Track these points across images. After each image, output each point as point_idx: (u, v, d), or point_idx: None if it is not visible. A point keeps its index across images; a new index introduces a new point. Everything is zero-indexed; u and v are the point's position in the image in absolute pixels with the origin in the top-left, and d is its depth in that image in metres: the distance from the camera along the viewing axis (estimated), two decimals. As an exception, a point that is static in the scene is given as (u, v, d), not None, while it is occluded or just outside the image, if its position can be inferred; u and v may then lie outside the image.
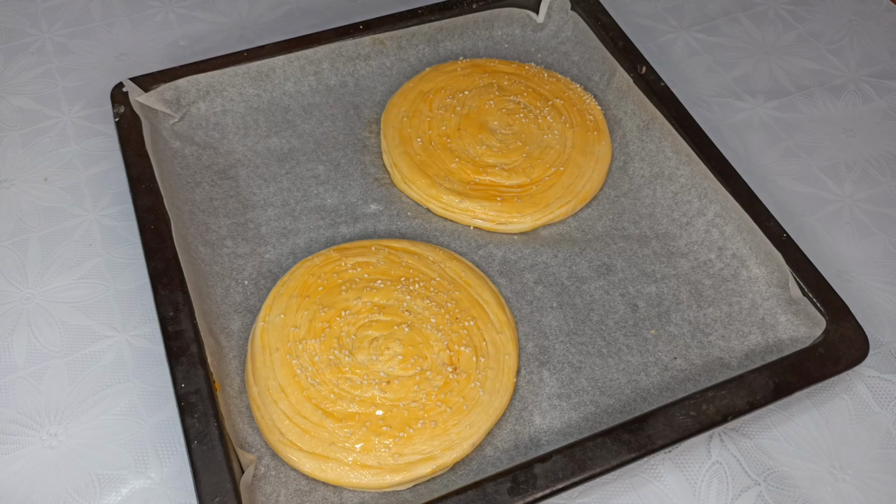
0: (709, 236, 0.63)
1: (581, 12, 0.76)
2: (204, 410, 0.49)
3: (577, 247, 0.64)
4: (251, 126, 0.70)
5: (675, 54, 0.81)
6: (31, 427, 0.54)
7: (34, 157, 0.69)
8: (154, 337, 0.58)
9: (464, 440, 0.52)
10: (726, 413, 0.52)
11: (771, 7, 0.86)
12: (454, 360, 0.55)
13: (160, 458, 0.53)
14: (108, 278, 0.61)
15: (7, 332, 0.58)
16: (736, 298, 0.61)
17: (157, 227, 0.58)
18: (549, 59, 0.77)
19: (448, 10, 0.76)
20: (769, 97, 0.77)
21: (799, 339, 0.58)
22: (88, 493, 0.51)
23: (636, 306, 0.60)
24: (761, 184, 0.69)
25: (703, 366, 0.57)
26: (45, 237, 0.64)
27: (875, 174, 0.72)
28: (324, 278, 0.58)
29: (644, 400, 0.56)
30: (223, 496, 0.46)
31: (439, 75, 0.73)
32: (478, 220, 0.64)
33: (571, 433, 0.54)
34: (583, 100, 0.72)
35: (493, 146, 0.67)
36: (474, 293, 0.59)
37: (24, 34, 0.79)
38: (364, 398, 0.53)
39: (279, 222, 0.64)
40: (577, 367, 0.57)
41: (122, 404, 0.55)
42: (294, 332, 0.55)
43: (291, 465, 0.51)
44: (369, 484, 0.50)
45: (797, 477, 0.54)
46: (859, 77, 0.79)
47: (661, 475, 0.54)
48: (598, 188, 0.67)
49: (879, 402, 0.58)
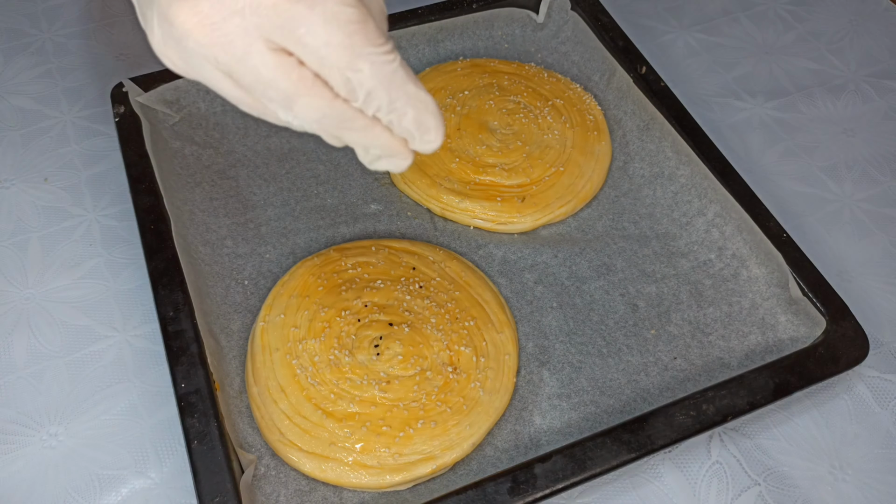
0: (709, 236, 0.63)
1: (581, 12, 0.76)
2: (204, 410, 0.49)
3: (577, 247, 0.64)
4: (251, 126, 0.70)
5: (675, 54, 0.81)
6: (31, 427, 0.54)
7: (34, 157, 0.69)
8: (154, 337, 0.58)
9: (464, 440, 0.52)
10: (726, 413, 0.52)
11: (771, 7, 0.86)
12: (454, 360, 0.55)
13: (160, 458, 0.53)
14: (108, 278, 0.61)
15: (7, 332, 0.58)
16: (736, 298, 0.61)
17: (157, 227, 0.58)
18: (549, 59, 0.77)
19: (448, 10, 0.76)
20: (769, 97, 0.77)
21: (799, 339, 0.58)
22: (88, 493, 0.51)
23: (636, 306, 0.60)
24: (761, 184, 0.69)
25: (703, 366, 0.57)
26: (45, 237, 0.64)
27: (875, 174, 0.72)
28: (324, 278, 0.58)
29: (644, 400, 0.56)
30: (223, 496, 0.46)
31: (439, 75, 0.73)
32: (478, 220, 0.64)
33: (571, 433, 0.54)
34: (583, 100, 0.72)
35: (493, 146, 0.67)
36: (474, 293, 0.59)
37: (24, 34, 0.79)
38: (364, 398, 0.53)
39: (279, 222, 0.64)
40: (577, 367, 0.57)
41: (122, 404, 0.55)
42: (294, 331, 0.55)
43: (291, 465, 0.51)
44: (369, 484, 0.50)
45: (797, 477, 0.54)
46: (859, 77, 0.79)
47: (661, 475, 0.54)
48: (598, 188, 0.67)
49: (879, 402, 0.58)
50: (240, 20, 0.31)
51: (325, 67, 0.32)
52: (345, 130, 0.35)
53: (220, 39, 0.32)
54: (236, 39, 0.31)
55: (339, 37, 0.31)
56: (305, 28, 0.31)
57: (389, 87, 0.33)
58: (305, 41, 0.32)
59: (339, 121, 0.34)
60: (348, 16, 0.31)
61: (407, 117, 0.35)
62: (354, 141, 0.36)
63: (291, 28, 0.31)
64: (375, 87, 0.33)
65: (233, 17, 0.31)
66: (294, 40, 0.32)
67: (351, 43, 0.32)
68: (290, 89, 0.33)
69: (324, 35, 0.31)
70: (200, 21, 0.31)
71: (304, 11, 0.31)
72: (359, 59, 0.32)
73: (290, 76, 0.32)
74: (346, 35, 0.32)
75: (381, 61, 0.33)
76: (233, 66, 0.32)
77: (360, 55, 0.32)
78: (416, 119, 0.35)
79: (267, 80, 0.32)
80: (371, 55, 0.32)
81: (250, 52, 0.32)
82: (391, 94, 0.34)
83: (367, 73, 0.33)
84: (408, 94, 0.34)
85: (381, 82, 0.33)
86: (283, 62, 0.32)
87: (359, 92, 0.33)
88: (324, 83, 0.33)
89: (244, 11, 0.31)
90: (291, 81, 0.32)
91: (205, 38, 0.32)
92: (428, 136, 0.36)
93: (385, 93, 0.33)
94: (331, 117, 0.34)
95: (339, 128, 0.35)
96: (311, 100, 0.33)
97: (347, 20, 0.31)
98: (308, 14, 0.31)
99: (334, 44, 0.32)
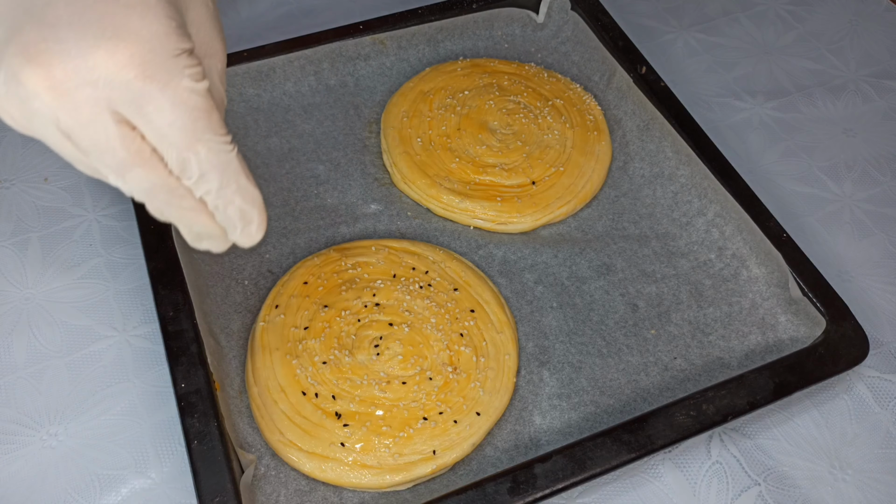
0: (709, 236, 0.63)
1: (581, 12, 0.76)
2: (204, 410, 0.49)
3: (577, 247, 0.64)
4: (251, 126, 0.70)
5: (675, 54, 0.81)
6: (31, 427, 0.54)
7: (34, 157, 0.69)
8: (154, 337, 0.58)
9: (464, 440, 0.52)
10: (726, 413, 0.52)
11: (771, 7, 0.86)
12: (454, 360, 0.55)
13: (160, 458, 0.53)
14: (108, 278, 0.61)
15: (7, 332, 0.58)
16: (736, 298, 0.61)
17: (157, 227, 0.58)
18: (549, 59, 0.77)
19: (448, 10, 0.76)
20: (769, 97, 0.77)
21: (799, 339, 0.58)
22: (88, 493, 0.51)
23: (636, 306, 0.60)
24: (761, 184, 0.69)
25: (703, 366, 0.57)
26: (45, 237, 0.64)
27: (875, 174, 0.72)
28: (324, 278, 0.58)
29: (644, 400, 0.56)
30: (223, 496, 0.46)
31: (439, 75, 0.73)
32: (478, 220, 0.64)
33: (571, 433, 0.54)
34: (583, 100, 0.72)
35: (493, 146, 0.67)
36: (474, 293, 0.59)
37: (24, 34, 0.79)
38: (364, 398, 0.53)
39: (279, 222, 0.64)
40: (577, 367, 0.57)
41: (121, 404, 0.55)
42: (294, 331, 0.55)
43: (291, 465, 0.51)
44: (369, 484, 0.50)
45: (797, 477, 0.54)
46: (859, 77, 0.79)
47: (661, 475, 0.54)
48: (598, 188, 0.67)
49: (879, 402, 0.58)
50: (91, 90, 0.32)
51: (164, 145, 0.34)
52: (172, 207, 0.36)
53: (67, 105, 0.32)
54: (84, 107, 0.32)
55: (184, 120, 0.33)
56: (154, 106, 0.33)
57: (222, 174, 0.35)
58: (151, 118, 0.33)
59: (168, 195, 0.35)
60: (195, 103, 0.33)
61: (233, 206, 0.36)
62: (177, 218, 0.37)
63: (140, 104, 0.32)
64: (209, 170, 0.34)
65: (85, 87, 0.32)
66: (140, 115, 0.33)
67: (194, 127, 0.33)
68: (127, 159, 0.34)
69: (170, 116, 0.33)
70: (51, 85, 0.32)
71: (155, 91, 0.32)
72: (198, 142, 0.34)
73: (128, 147, 0.33)
74: (190, 119, 0.33)
75: (218, 149, 0.34)
76: (74, 130, 0.33)
77: (201, 139, 0.34)
78: (240, 209, 0.36)
79: (105, 148, 0.33)
80: (210, 141, 0.34)
81: (95, 120, 0.33)
82: (222, 179, 0.35)
83: (204, 157, 0.34)
84: (238, 184, 0.36)
85: (216, 167, 0.34)
86: (125, 134, 0.33)
87: (192, 172, 0.34)
88: (160, 159, 0.34)
89: (98, 83, 0.32)
90: (129, 153, 0.33)
91: (53, 102, 0.32)
92: (249, 228, 0.37)
93: (217, 177, 0.35)
94: (161, 190, 0.35)
95: (167, 202, 0.36)
96: (145, 172, 0.34)
97: (194, 106, 0.33)
98: (159, 95, 0.32)
99: (178, 125, 0.33)
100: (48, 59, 0.32)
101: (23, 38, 0.32)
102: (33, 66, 0.32)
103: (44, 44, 0.32)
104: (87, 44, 0.32)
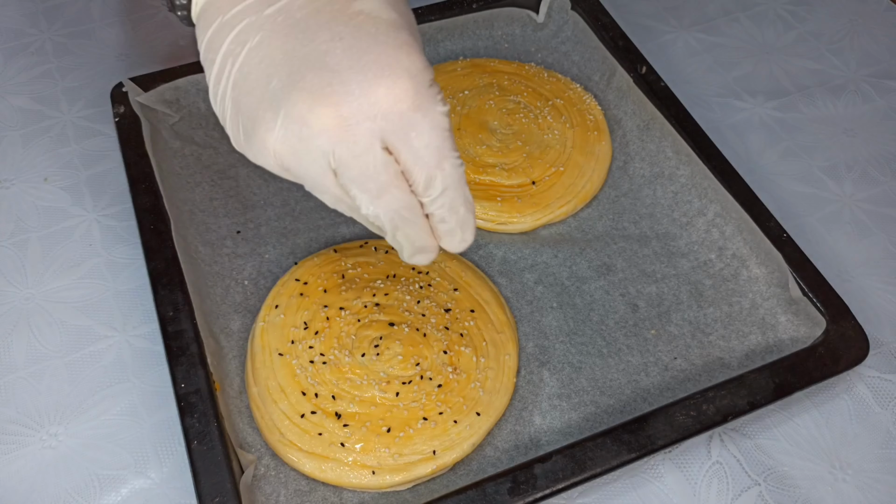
0: (709, 236, 0.63)
1: (581, 12, 0.76)
2: (204, 410, 0.49)
3: (577, 247, 0.64)
4: (251, 126, 0.70)
5: (675, 54, 0.81)
6: (31, 427, 0.54)
7: (34, 157, 0.69)
8: (154, 337, 0.58)
9: (464, 440, 0.52)
10: (726, 413, 0.52)
11: (771, 7, 0.86)
12: (454, 360, 0.55)
13: (160, 458, 0.53)
14: (108, 278, 0.61)
15: (7, 332, 0.58)
16: (736, 298, 0.61)
17: (157, 227, 0.58)
18: (549, 59, 0.77)
19: (448, 10, 0.76)
20: (769, 97, 0.77)
21: (799, 339, 0.58)
22: (88, 493, 0.51)
23: (636, 306, 0.60)
24: (761, 184, 0.69)
25: (703, 366, 0.57)
26: (45, 237, 0.64)
27: (875, 174, 0.72)
28: (324, 278, 0.58)
29: (644, 400, 0.56)
30: (223, 496, 0.46)
31: (439, 75, 0.73)
32: (478, 220, 0.64)
33: (571, 433, 0.54)
34: (583, 100, 0.72)
35: (493, 146, 0.67)
36: (474, 293, 0.59)
37: (24, 34, 0.79)
38: (364, 398, 0.53)
39: (279, 222, 0.64)
40: (577, 367, 0.57)
41: (121, 404, 0.55)
42: (294, 331, 0.55)
43: (291, 465, 0.51)
44: (369, 484, 0.50)
45: (797, 477, 0.54)
46: (859, 77, 0.79)
47: (661, 475, 0.54)
48: (598, 188, 0.67)
49: (879, 402, 0.58)
50: (370, 124, 0.36)
51: (417, 165, 0.38)
52: (409, 224, 0.40)
53: (348, 139, 0.36)
54: (362, 140, 0.36)
55: (438, 140, 0.38)
56: (416, 132, 0.37)
57: (458, 187, 0.39)
58: (412, 142, 0.37)
59: (410, 213, 0.39)
60: (445, 124, 0.38)
61: (458, 215, 0.40)
62: (409, 234, 0.40)
63: (406, 131, 0.37)
64: (450, 185, 0.39)
65: (365, 121, 0.36)
66: (404, 141, 0.37)
67: (442, 146, 0.38)
68: (387, 183, 0.38)
69: (427, 138, 0.37)
70: (338, 123, 0.36)
71: (419, 118, 0.37)
72: (445, 160, 0.38)
73: (388, 171, 0.37)
74: (441, 139, 0.38)
75: (456, 164, 0.39)
76: (347, 162, 0.37)
77: (447, 157, 0.38)
78: (463, 217, 0.40)
79: (371, 175, 0.37)
80: (451, 158, 0.38)
81: (369, 150, 0.37)
82: (456, 191, 0.39)
83: (448, 172, 0.38)
84: (465, 196, 0.40)
85: (455, 182, 0.39)
86: (388, 160, 0.37)
87: (437, 188, 0.39)
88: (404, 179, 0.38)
89: (376, 117, 0.36)
90: (388, 176, 0.38)
91: (335, 137, 0.36)
92: (466, 234, 0.41)
93: (453, 190, 0.39)
94: (406, 209, 0.39)
95: (407, 220, 0.39)
96: (399, 193, 0.38)
97: (444, 127, 0.38)
98: (422, 120, 0.37)
99: (432, 146, 0.37)
100: (336, 100, 0.36)
101: (307, 84, 0.36)
102: (323, 108, 0.36)
103: (329, 87, 0.36)
104: (368, 83, 0.36)
